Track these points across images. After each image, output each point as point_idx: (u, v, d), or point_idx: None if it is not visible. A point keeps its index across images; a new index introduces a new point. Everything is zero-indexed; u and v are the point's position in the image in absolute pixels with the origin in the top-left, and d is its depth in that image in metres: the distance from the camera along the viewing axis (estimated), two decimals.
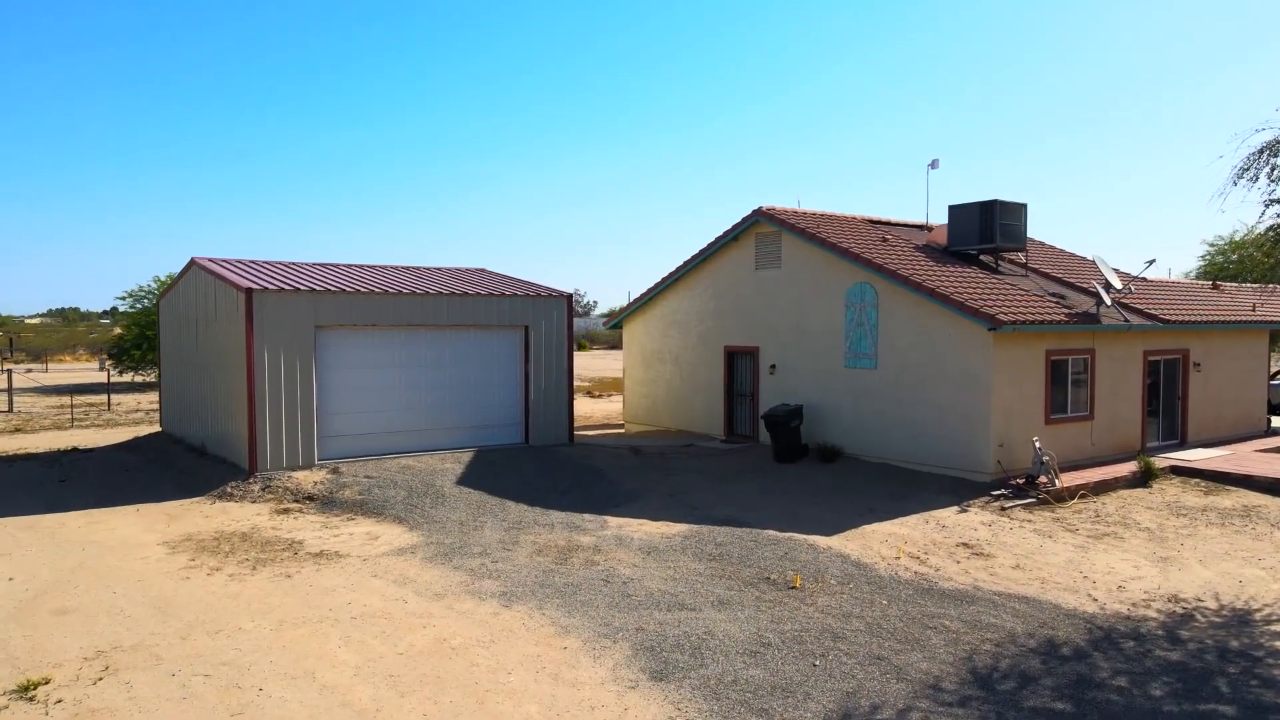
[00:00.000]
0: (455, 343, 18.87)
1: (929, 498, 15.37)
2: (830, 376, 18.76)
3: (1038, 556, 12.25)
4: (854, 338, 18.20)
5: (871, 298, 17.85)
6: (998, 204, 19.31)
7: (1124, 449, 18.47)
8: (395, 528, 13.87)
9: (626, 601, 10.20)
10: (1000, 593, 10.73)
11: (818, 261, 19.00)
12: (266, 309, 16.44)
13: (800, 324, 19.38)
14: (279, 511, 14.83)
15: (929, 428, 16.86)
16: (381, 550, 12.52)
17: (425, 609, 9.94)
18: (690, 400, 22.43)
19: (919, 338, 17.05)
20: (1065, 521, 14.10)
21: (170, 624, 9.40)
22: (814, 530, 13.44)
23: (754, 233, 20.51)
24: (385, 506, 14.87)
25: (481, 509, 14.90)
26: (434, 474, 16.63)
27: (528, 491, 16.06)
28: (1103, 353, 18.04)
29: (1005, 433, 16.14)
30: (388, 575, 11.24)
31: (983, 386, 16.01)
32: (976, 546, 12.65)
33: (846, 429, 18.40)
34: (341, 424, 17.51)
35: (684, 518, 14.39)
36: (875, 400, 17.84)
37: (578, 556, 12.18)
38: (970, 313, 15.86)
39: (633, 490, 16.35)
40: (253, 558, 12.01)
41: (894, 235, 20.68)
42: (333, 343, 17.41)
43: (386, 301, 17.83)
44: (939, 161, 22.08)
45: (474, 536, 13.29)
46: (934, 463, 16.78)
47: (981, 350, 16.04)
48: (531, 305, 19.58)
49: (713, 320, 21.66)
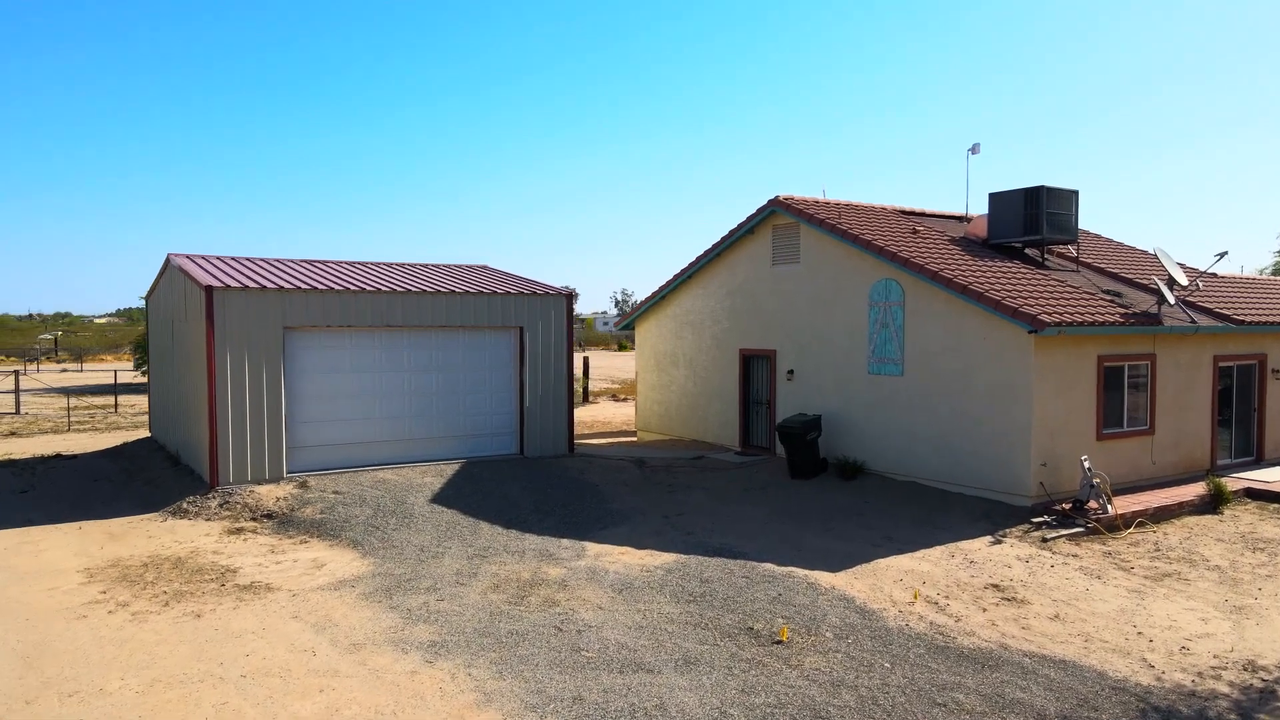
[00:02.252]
0: (442, 345, 17.37)
1: (958, 525, 13.42)
2: (852, 384, 16.84)
3: (1082, 604, 10.28)
4: (878, 341, 16.27)
5: (897, 296, 15.91)
6: (1044, 191, 17.20)
7: (1190, 468, 16.25)
8: (347, 553, 12.38)
9: (574, 659, 8.52)
10: (1033, 653, 8.81)
11: (839, 256, 17.09)
12: (229, 308, 15.11)
13: (820, 325, 17.49)
14: (231, 531, 13.46)
15: (961, 443, 14.87)
16: (320, 582, 11.02)
17: (333, 665, 8.38)
18: (704, 408, 20.64)
19: (950, 341, 15.07)
20: (1118, 557, 12.06)
21: (27, 680, 7.98)
22: (819, 564, 11.62)
23: (770, 225, 18.66)
24: (344, 527, 13.40)
25: (450, 532, 13.35)
26: (409, 490, 15.14)
27: (508, 511, 14.48)
28: (1165, 358, 15.85)
29: (1049, 450, 14.10)
30: (310, 616, 9.72)
31: (1022, 397, 13.99)
32: (1009, 589, 10.71)
33: (870, 442, 16.47)
34: (314, 434, 16.12)
35: (674, 545, 12.67)
36: (901, 411, 15.89)
37: (538, 594, 10.54)
38: (1007, 312, 13.86)
39: (626, 510, 14.67)
40: (171, 590, 10.60)
41: (927, 227, 18.67)
42: (304, 345, 16.02)
43: (364, 300, 16.39)
44: (980, 146, 20.03)
45: (430, 566, 11.73)
46: (967, 483, 14.79)
47: (1021, 355, 14.01)
48: (527, 304, 18.00)
49: (727, 321, 19.85)
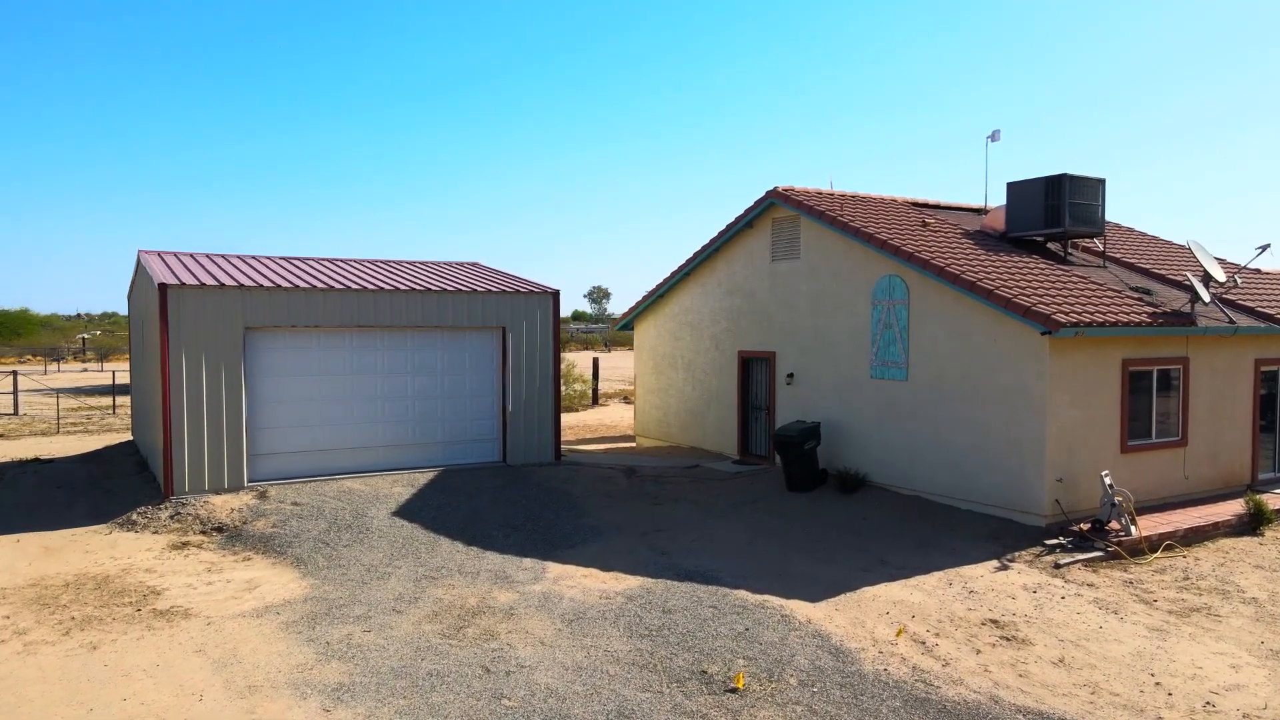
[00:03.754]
0: (418, 347, 16.39)
1: (963, 546, 12.12)
2: (854, 389, 15.57)
3: (1093, 645, 8.97)
4: (881, 342, 14.98)
5: (901, 294, 14.61)
6: (1066, 179, 15.78)
7: (1227, 484, 14.76)
8: (287, 573, 11.41)
9: (491, 709, 7.43)
10: (1027, 709, 7.56)
11: (840, 251, 15.82)
12: (185, 306, 14.25)
13: (821, 326, 16.22)
14: (175, 546, 12.57)
15: (970, 455, 13.55)
16: (246, 607, 10.05)
17: (218, 713, 7.37)
18: (703, 413, 19.45)
19: (958, 343, 13.76)
20: (1140, 587, 10.70)
21: None
22: (799, 592, 10.41)
23: (770, 218, 17.42)
24: (293, 543, 12.45)
25: (405, 549, 12.34)
26: (374, 500, 14.17)
27: (474, 525, 13.44)
28: (1200, 361, 14.39)
29: (1065, 464, 12.74)
30: (217, 650, 8.74)
31: (1035, 405, 12.65)
32: (1009, 626, 9.43)
33: (873, 453, 15.18)
34: (278, 440, 15.21)
35: (644, 567, 11.54)
36: (906, 418, 14.59)
37: (479, 624, 9.47)
38: (1018, 311, 12.52)
39: (601, 526, 13.57)
40: (81, 616, 9.69)
41: (939, 219, 17.31)
42: (268, 346, 15.12)
43: (332, 299, 15.44)
44: (1000, 133, 18.57)
45: (371, 589, 10.72)
46: (976, 499, 13.47)
47: (1034, 359, 12.67)
48: (509, 303, 16.96)
49: (726, 321, 18.64)
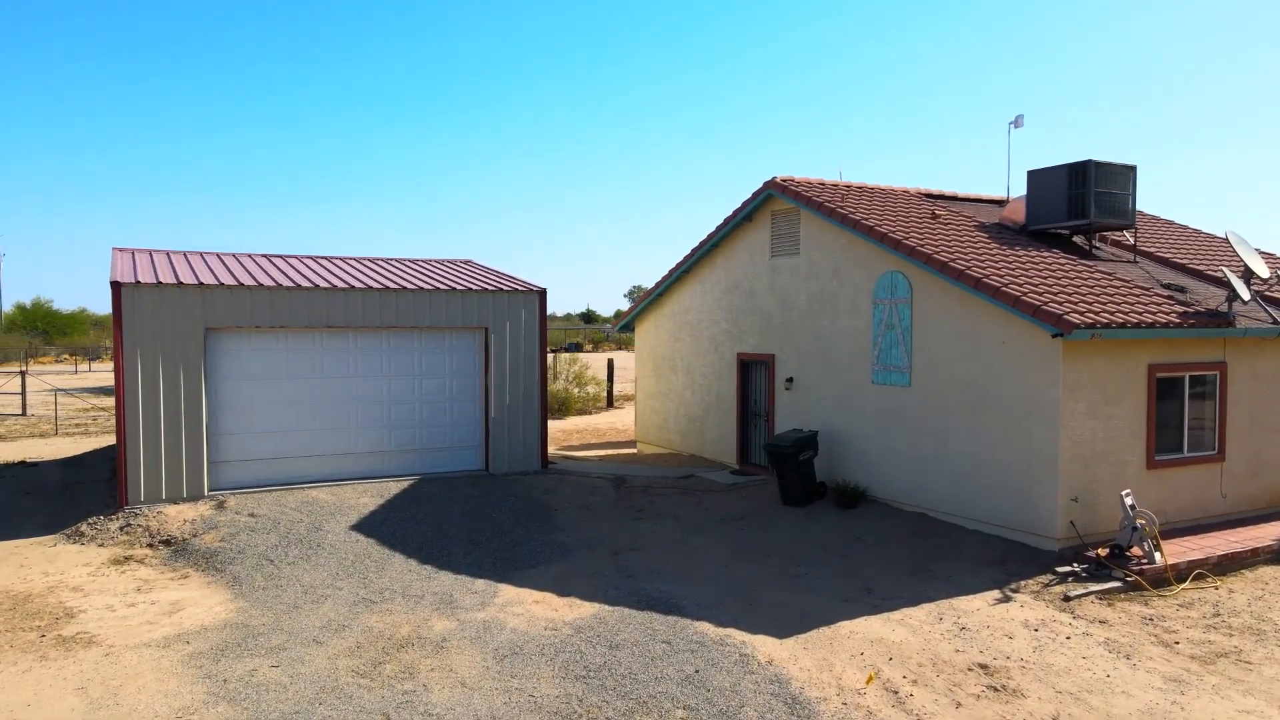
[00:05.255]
0: (394, 349, 15.52)
1: (962, 573, 10.87)
2: (855, 395, 14.34)
3: (1096, 699, 7.72)
4: (883, 345, 13.75)
5: (904, 292, 13.36)
6: (1092, 166, 14.39)
7: (1271, 503, 13.28)
8: (219, 594, 10.57)
9: None
10: None
11: (841, 246, 14.60)
12: (140, 306, 13.52)
13: (822, 327, 15.02)
14: (115, 561, 11.83)
15: (977, 469, 12.28)
16: (158, 634, 9.20)
17: None
18: (702, 419, 18.33)
19: (964, 346, 12.49)
20: (1160, 624, 9.39)
21: None
22: (766, 626, 9.28)
23: (769, 211, 16.25)
24: (236, 560, 11.62)
25: (353, 568, 11.44)
26: (336, 513, 13.32)
27: (436, 541, 12.51)
28: (1239, 367, 12.94)
29: (1082, 481, 11.42)
30: (100, 689, 7.87)
31: (1047, 415, 11.34)
32: (1001, 672, 8.21)
33: (874, 465, 13.96)
34: (243, 447, 14.44)
35: (605, 592, 10.49)
36: (908, 428, 13.34)
37: (401, 659, 8.51)
38: (1027, 310, 11.23)
39: (572, 543, 12.55)
40: None
41: (953, 211, 16.00)
42: (231, 348, 14.35)
43: (298, 297, 14.63)
44: (1024, 119, 17.17)
45: (301, 614, 9.81)
46: (982, 518, 12.19)
47: (1045, 364, 11.37)
48: (492, 302, 16.02)
49: (726, 321, 17.50)
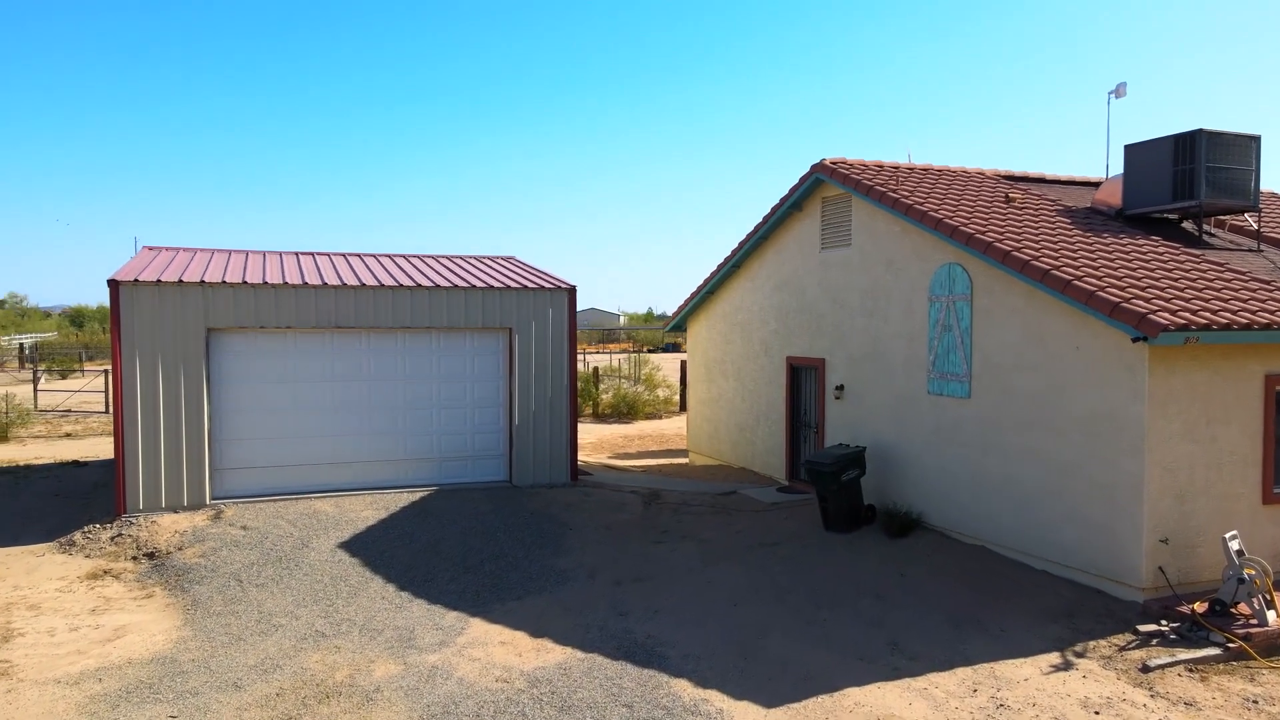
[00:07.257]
0: (410, 351, 14.53)
1: (1017, 625, 8.98)
2: (909, 406, 12.48)
3: None
4: (940, 349, 11.86)
5: (963, 287, 11.45)
6: (1203, 137, 12.08)
7: None
8: (170, 619, 9.68)
9: None
10: None
11: (895, 235, 12.75)
12: (139, 305, 12.91)
13: (875, 327, 13.19)
14: (93, 575, 11.17)
15: (1044, 499, 10.29)
16: (78, 668, 8.34)
17: None
18: (752, 429, 16.67)
19: (1031, 350, 10.51)
20: (1268, 710, 7.34)
21: None
22: (757, 688, 7.71)
23: (820, 197, 14.49)
24: (206, 578, 10.76)
25: (323, 593, 10.41)
26: (332, 526, 12.39)
27: (425, 562, 11.39)
28: None
29: (1175, 518, 9.32)
30: None
31: (1131, 436, 9.29)
32: None
33: (930, 486, 12.07)
34: (247, 454, 13.69)
35: (582, 633, 9.10)
36: (968, 446, 11.42)
37: (316, 714, 7.35)
38: (1102, 309, 9.21)
39: (572, 570, 11.21)
40: None
41: (1034, 194, 13.87)
42: (235, 350, 13.62)
43: (305, 296, 13.79)
44: (1126, 86, 14.83)
45: (242, 647, 8.80)
46: (1051, 556, 10.21)
47: (1128, 374, 9.32)
48: (516, 301, 14.84)
49: (775, 321, 15.80)
